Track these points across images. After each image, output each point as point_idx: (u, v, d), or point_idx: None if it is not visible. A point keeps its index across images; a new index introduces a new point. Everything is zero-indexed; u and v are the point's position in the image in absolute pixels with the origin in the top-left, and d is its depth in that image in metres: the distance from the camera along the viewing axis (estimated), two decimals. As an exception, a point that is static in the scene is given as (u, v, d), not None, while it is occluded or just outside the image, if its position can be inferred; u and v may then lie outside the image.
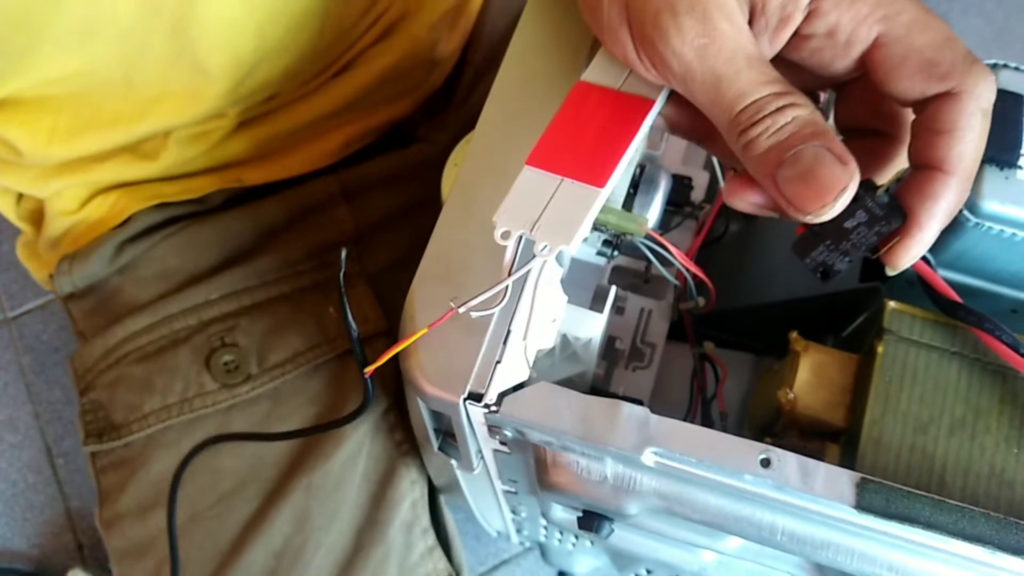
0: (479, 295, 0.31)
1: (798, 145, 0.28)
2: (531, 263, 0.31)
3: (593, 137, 0.32)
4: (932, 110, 0.29)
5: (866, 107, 0.33)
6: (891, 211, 0.30)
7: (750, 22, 0.30)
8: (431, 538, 0.55)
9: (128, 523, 0.53)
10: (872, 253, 0.31)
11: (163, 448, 0.53)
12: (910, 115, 0.31)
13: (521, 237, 0.31)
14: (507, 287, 0.32)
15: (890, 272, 0.31)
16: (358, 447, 0.53)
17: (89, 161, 0.52)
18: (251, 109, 0.53)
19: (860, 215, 0.30)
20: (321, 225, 0.59)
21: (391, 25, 0.57)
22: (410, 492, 0.55)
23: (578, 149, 0.32)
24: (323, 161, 0.58)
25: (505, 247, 0.31)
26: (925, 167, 0.30)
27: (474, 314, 0.32)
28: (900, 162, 0.33)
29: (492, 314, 0.32)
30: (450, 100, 0.64)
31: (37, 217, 0.59)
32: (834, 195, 0.28)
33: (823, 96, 0.36)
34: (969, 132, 0.29)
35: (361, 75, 0.57)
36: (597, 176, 0.31)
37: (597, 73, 0.34)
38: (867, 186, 0.30)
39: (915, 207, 0.30)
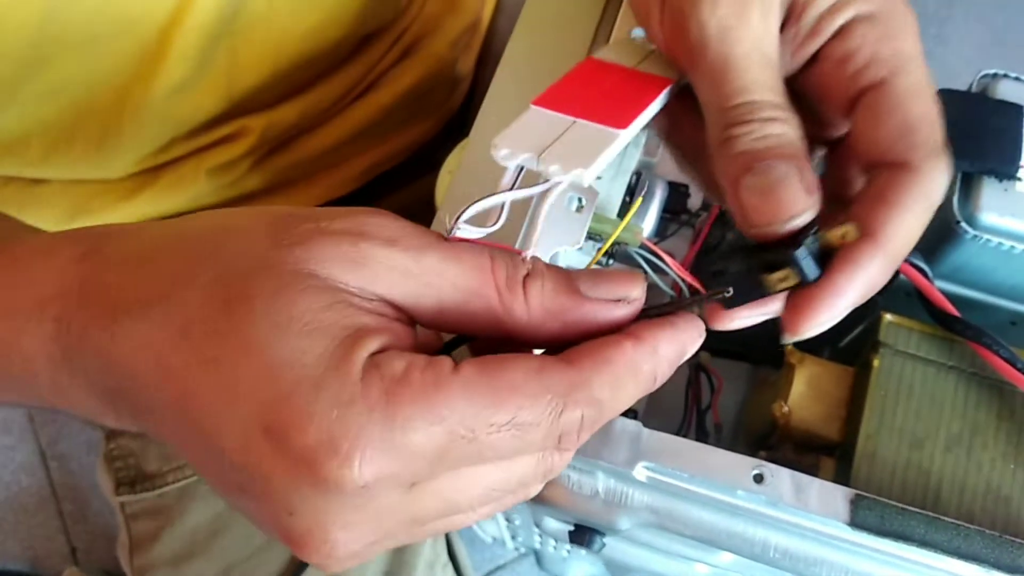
0: (469, 207, 0.26)
1: (773, 159, 0.27)
2: (539, 185, 0.27)
3: (611, 91, 0.30)
4: (884, 178, 0.28)
5: (844, 176, 0.32)
6: (809, 262, 0.27)
7: (784, 26, 0.30)
8: (450, 570, 0.56)
9: (162, 572, 0.53)
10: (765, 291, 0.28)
11: (198, 500, 0.52)
12: None
13: (522, 168, 0.27)
14: (504, 204, 0.27)
15: (787, 339, 0.29)
16: None
17: (115, 197, 0.52)
18: (279, 136, 0.52)
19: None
20: None
21: (413, 43, 0.57)
22: None
23: (595, 97, 0.29)
24: (346, 188, 0.58)
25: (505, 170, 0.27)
26: (863, 235, 0.28)
27: (463, 232, 0.26)
28: None
29: (483, 234, 0.27)
30: (467, 122, 0.64)
31: None
32: (786, 218, 0.27)
33: (818, 155, 0.34)
34: (910, 213, 0.28)
35: (384, 96, 0.56)
36: (619, 119, 0.28)
37: (611, 54, 0.32)
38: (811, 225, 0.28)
39: (835, 271, 0.27)
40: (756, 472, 0.32)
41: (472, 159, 0.40)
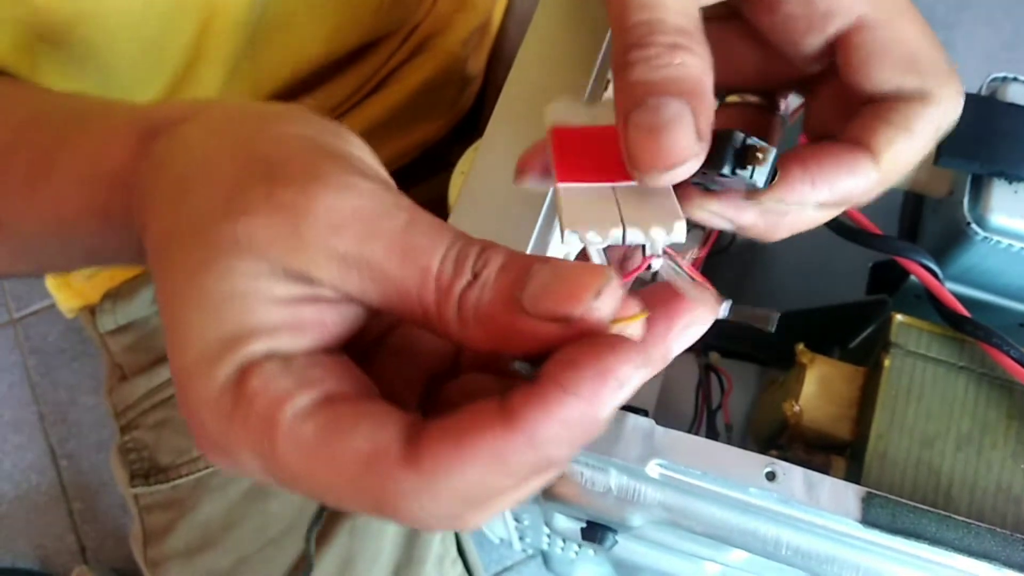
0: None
1: (667, 94, 0.24)
2: (657, 259, 0.25)
3: (602, 151, 0.27)
4: (893, 105, 0.26)
5: (837, 110, 0.30)
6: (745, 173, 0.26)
7: None
8: (459, 566, 0.57)
9: (175, 564, 0.53)
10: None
11: (212, 492, 0.53)
12: None
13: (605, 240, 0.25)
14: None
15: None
16: None
17: None
18: None
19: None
20: None
21: (424, 40, 0.57)
22: None
23: (598, 161, 0.27)
24: None
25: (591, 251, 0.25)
26: (855, 144, 0.26)
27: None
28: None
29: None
30: (479, 123, 0.64)
31: None
32: (670, 165, 0.24)
33: (787, 102, 0.32)
34: (918, 138, 0.26)
35: (395, 92, 0.57)
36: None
37: (565, 115, 0.29)
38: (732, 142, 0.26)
39: (825, 167, 0.26)
40: (768, 470, 0.32)
41: (485, 161, 0.40)
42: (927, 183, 0.40)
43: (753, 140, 0.26)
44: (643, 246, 0.25)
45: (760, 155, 0.26)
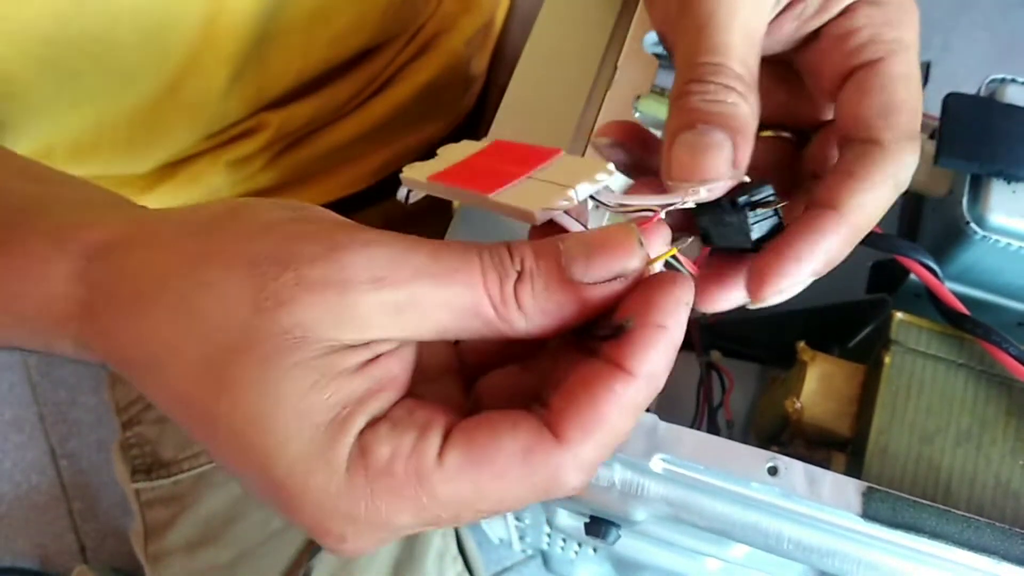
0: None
1: (715, 125, 0.27)
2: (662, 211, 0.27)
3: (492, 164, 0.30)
4: (855, 153, 0.29)
5: (825, 155, 0.32)
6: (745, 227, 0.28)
7: (791, 3, 0.30)
8: (460, 563, 0.57)
9: (177, 559, 0.53)
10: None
11: (213, 487, 0.53)
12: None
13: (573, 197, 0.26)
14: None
15: (751, 304, 0.29)
16: None
17: (135, 189, 0.53)
18: (295, 131, 0.53)
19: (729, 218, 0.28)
20: None
21: (429, 40, 0.58)
22: None
23: (497, 169, 0.29)
24: (361, 183, 0.59)
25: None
26: (820, 207, 0.28)
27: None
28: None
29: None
30: (480, 123, 0.65)
31: None
32: (702, 179, 0.27)
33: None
34: (876, 189, 0.28)
35: (400, 92, 0.57)
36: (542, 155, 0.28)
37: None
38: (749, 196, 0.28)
39: (797, 237, 0.28)
40: (770, 464, 0.33)
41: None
42: (927, 183, 0.40)
43: (776, 198, 0.28)
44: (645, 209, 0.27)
45: (774, 205, 0.28)
